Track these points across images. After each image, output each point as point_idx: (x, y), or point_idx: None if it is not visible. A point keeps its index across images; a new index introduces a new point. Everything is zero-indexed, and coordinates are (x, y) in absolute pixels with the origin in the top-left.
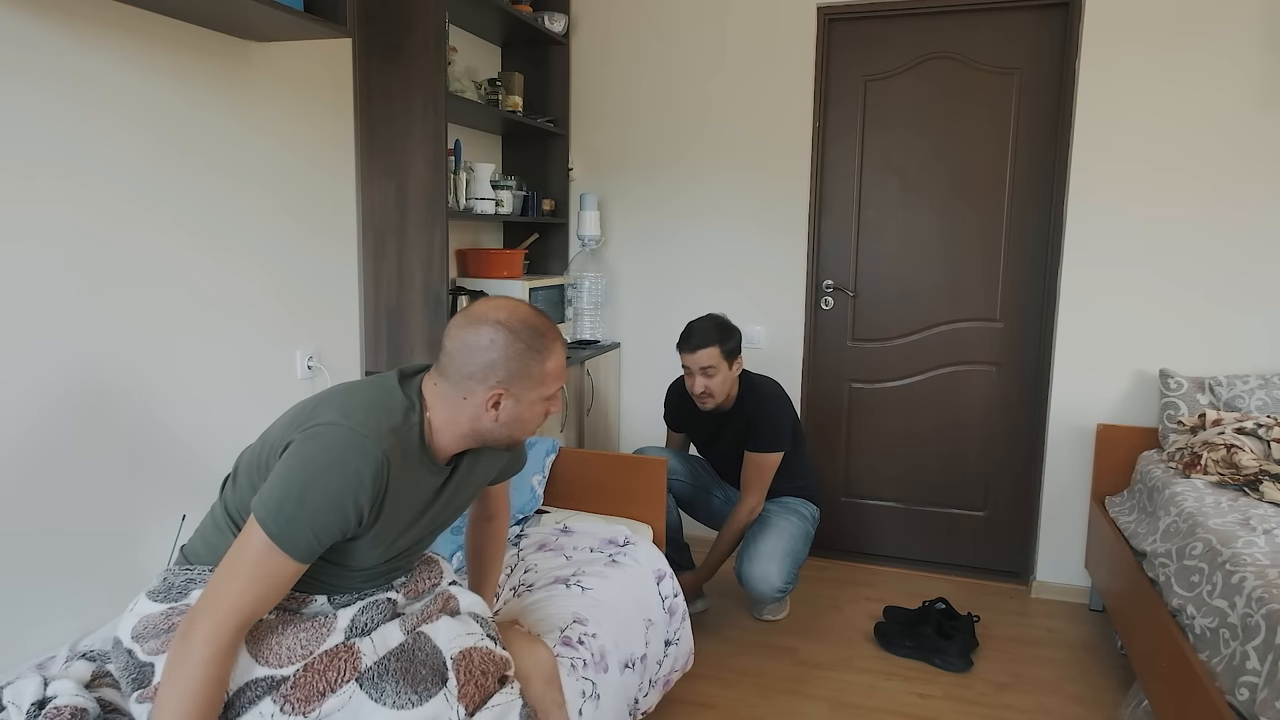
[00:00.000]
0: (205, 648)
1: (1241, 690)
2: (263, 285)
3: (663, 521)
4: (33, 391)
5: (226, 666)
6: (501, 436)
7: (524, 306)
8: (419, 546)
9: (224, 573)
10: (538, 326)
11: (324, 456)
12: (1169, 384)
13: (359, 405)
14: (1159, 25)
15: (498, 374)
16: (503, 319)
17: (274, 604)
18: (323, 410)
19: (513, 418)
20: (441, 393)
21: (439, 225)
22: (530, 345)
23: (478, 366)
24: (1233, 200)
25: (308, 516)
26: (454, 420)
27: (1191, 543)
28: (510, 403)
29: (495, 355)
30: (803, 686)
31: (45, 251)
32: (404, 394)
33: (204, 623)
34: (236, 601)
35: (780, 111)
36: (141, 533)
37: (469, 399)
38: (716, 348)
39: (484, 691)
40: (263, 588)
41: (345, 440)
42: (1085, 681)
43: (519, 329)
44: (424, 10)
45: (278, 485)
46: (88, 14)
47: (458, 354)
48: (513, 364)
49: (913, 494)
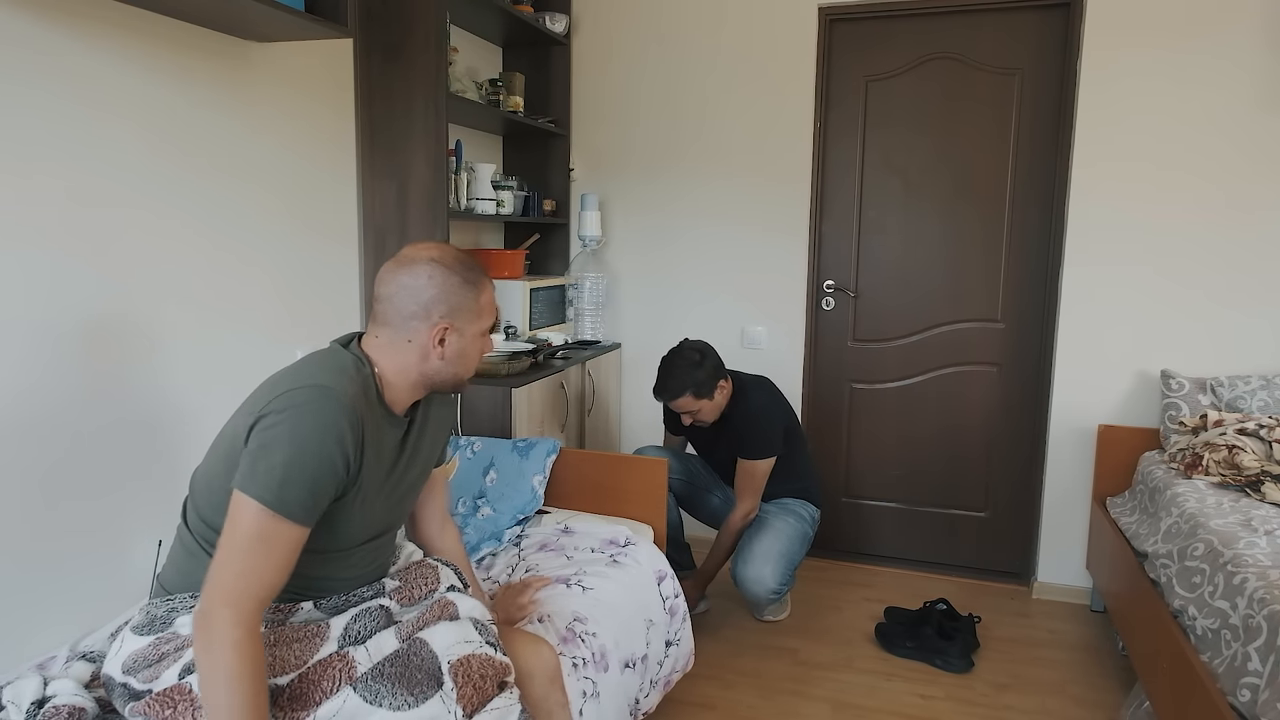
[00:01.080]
0: (232, 631)
1: (1243, 691)
2: (263, 285)
3: (664, 522)
4: (33, 392)
5: (259, 644)
6: (448, 376)
7: (450, 245)
8: (397, 513)
9: (225, 557)
10: (468, 261)
11: (298, 416)
12: (1170, 385)
13: (313, 370)
14: (1160, 25)
15: (440, 308)
16: (436, 256)
17: (286, 577)
18: (278, 385)
19: (458, 353)
20: (384, 343)
21: (440, 225)
22: (466, 279)
23: (419, 304)
24: (1234, 201)
25: (298, 475)
26: (403, 368)
27: (1193, 544)
28: (455, 337)
29: (435, 290)
30: (803, 687)
31: (45, 252)
32: (350, 354)
33: (222, 611)
34: (249, 582)
35: (781, 111)
36: (141, 534)
37: (414, 340)
38: (690, 396)
39: (483, 695)
40: (273, 563)
41: (313, 397)
42: (1086, 682)
43: (453, 265)
44: (425, 10)
45: (259, 457)
46: (88, 14)
47: (396, 296)
48: (453, 297)
49: (914, 494)
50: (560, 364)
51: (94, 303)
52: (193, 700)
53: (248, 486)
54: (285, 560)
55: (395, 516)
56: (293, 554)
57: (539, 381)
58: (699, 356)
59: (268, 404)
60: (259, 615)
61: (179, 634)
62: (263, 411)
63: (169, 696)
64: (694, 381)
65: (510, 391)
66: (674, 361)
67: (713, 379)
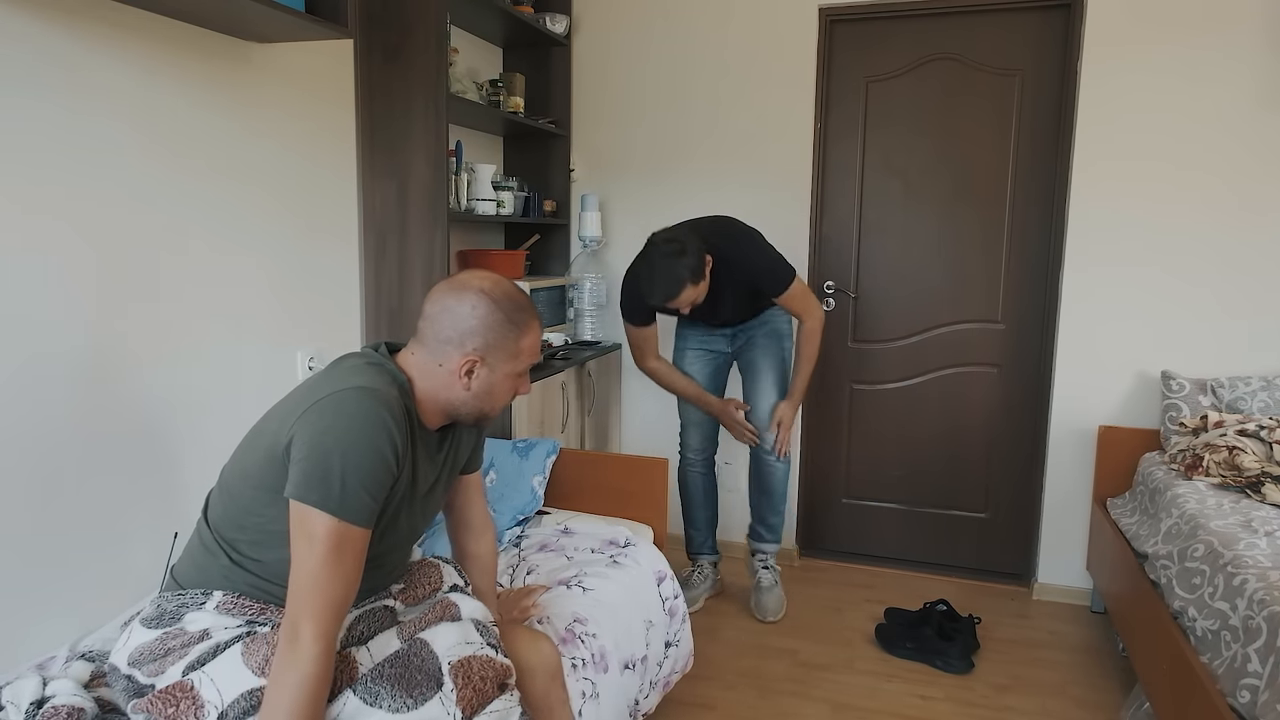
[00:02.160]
0: (316, 644)
1: (1242, 692)
2: (263, 286)
3: (664, 522)
4: (34, 392)
5: (333, 659)
6: (472, 409)
7: (507, 281)
8: (422, 523)
9: (305, 573)
10: (519, 301)
11: (345, 419)
12: (1171, 385)
13: (350, 373)
14: (1161, 25)
15: (475, 341)
16: (486, 289)
17: (360, 578)
18: (318, 389)
19: (485, 389)
20: (418, 360)
21: (440, 226)
22: (510, 318)
23: (456, 332)
24: (1235, 201)
25: (356, 479)
26: (430, 390)
27: (1193, 545)
28: (484, 372)
29: (475, 323)
30: (803, 688)
31: (45, 254)
32: (386, 362)
33: (309, 624)
34: (330, 594)
35: (782, 112)
36: (142, 534)
37: (444, 365)
38: (690, 287)
39: (483, 697)
40: (346, 570)
41: (357, 398)
42: (1087, 683)
43: (501, 300)
44: (425, 11)
45: (314, 466)
46: (88, 14)
47: (438, 318)
48: (491, 333)
49: (914, 495)
50: (560, 365)
51: (94, 303)
52: (195, 698)
53: (309, 497)
54: (359, 564)
55: (419, 525)
56: (363, 556)
57: (539, 382)
58: (678, 245)
59: (309, 408)
60: (339, 624)
61: (186, 630)
62: (306, 417)
63: (171, 694)
64: (689, 270)
65: None
66: (655, 264)
67: (700, 257)
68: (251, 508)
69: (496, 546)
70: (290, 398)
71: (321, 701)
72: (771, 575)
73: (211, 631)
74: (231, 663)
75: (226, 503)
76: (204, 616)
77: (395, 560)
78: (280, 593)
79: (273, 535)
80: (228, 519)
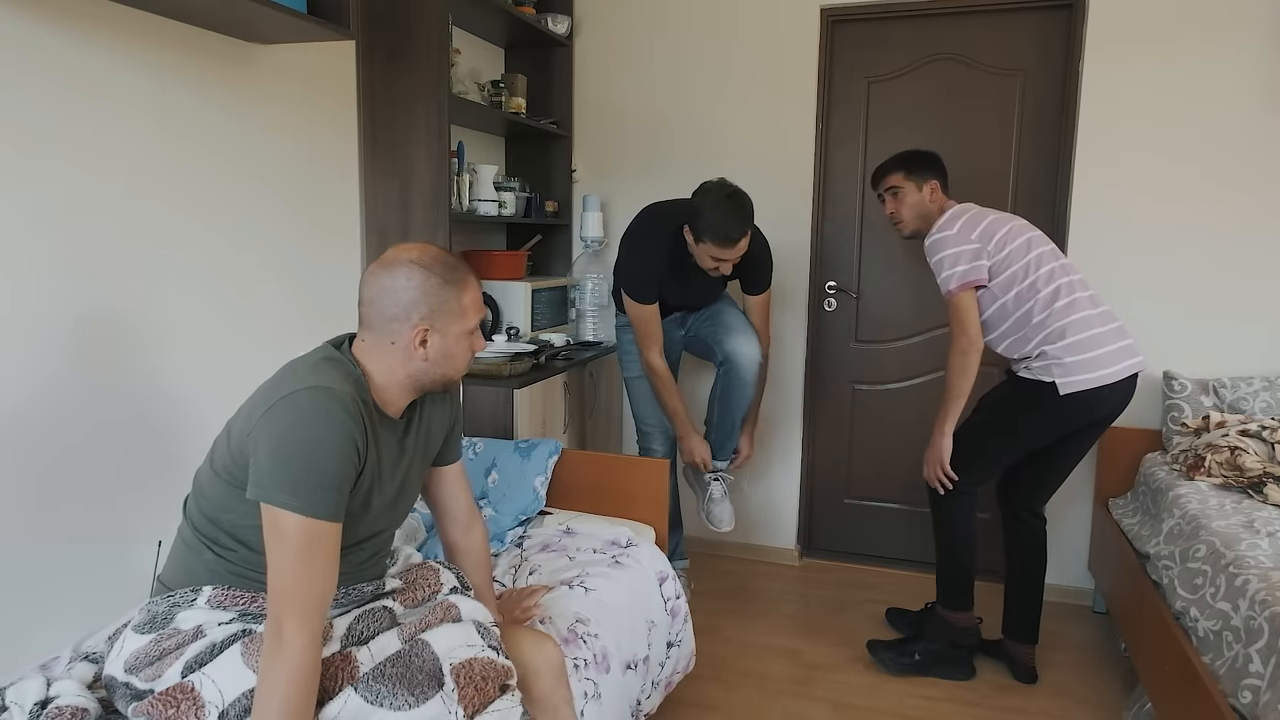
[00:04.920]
0: (299, 639)
1: (1244, 693)
2: (265, 286)
3: (665, 523)
4: (35, 393)
5: (320, 651)
6: (435, 376)
7: (433, 246)
8: (395, 514)
9: (281, 572)
10: (449, 261)
11: (303, 417)
12: (1173, 386)
13: (305, 373)
14: (1162, 26)
15: (420, 310)
16: (414, 258)
17: (337, 573)
18: (277, 389)
19: (441, 354)
20: (370, 346)
21: (442, 227)
22: (446, 279)
23: (399, 307)
24: (1236, 202)
25: (319, 476)
26: (389, 370)
27: (1195, 545)
28: (436, 338)
29: (414, 293)
30: (805, 689)
31: (48, 254)
32: (342, 357)
33: (291, 620)
34: (309, 589)
35: (783, 112)
36: (143, 534)
37: (396, 342)
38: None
39: (484, 697)
40: (322, 564)
41: (313, 397)
42: (1088, 684)
43: (433, 265)
44: (427, 12)
45: (277, 466)
46: (90, 15)
47: (378, 300)
48: (433, 298)
49: (916, 496)
50: (562, 365)
51: (96, 304)
52: (195, 698)
53: (276, 498)
54: (333, 556)
55: (393, 516)
56: (337, 548)
57: (540, 383)
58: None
59: (268, 410)
60: (321, 619)
61: (180, 629)
62: (266, 419)
63: (171, 696)
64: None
65: (512, 392)
66: (742, 200)
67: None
68: (225, 504)
69: (487, 539)
70: (253, 398)
71: (312, 695)
72: (721, 486)
73: (205, 628)
74: (232, 662)
75: (202, 501)
76: (196, 614)
77: (379, 544)
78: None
79: (249, 530)
80: (205, 516)
